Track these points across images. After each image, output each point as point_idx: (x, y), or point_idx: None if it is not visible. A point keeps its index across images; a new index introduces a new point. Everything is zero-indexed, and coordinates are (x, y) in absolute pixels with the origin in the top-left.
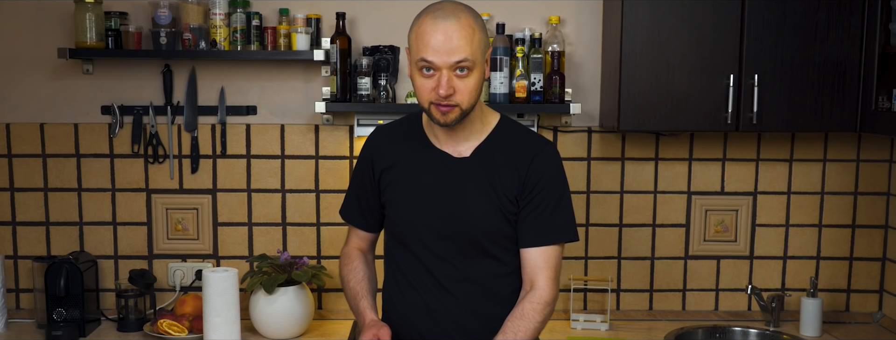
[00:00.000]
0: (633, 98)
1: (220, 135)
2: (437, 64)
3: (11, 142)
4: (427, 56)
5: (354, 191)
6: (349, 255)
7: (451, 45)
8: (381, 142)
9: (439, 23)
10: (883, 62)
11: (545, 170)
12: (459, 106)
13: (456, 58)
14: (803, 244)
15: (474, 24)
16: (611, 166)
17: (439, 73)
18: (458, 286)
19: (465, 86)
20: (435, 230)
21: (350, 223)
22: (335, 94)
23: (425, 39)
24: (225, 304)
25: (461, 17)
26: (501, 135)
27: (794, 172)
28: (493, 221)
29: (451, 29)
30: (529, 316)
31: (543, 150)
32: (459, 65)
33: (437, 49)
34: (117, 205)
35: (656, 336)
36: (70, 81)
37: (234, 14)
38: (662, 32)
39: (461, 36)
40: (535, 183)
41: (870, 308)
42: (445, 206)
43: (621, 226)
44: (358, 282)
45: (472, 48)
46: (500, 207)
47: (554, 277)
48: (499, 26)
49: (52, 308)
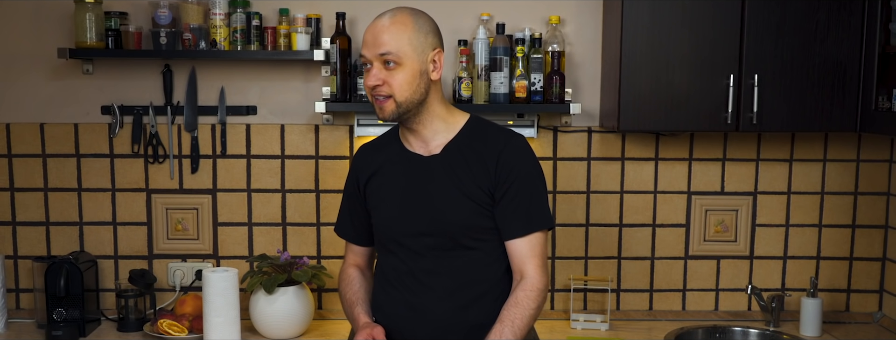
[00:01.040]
0: (632, 98)
1: (220, 135)
2: (367, 57)
3: (11, 142)
4: (362, 51)
5: (346, 207)
6: (346, 273)
7: (377, 39)
8: (364, 156)
9: (375, 21)
10: (883, 62)
11: (514, 162)
12: (393, 97)
13: (379, 51)
14: (803, 244)
15: (410, 23)
16: (611, 166)
17: (371, 66)
18: (437, 280)
19: (392, 78)
20: (411, 228)
21: (345, 238)
22: (335, 94)
23: (364, 36)
24: (225, 304)
25: (396, 16)
26: (470, 132)
27: (794, 172)
28: (465, 214)
29: (380, 25)
30: (524, 304)
31: (510, 143)
32: (384, 58)
33: (366, 42)
34: (117, 205)
35: (656, 336)
36: (70, 81)
37: (234, 14)
38: (662, 32)
39: (388, 31)
40: (506, 176)
41: (870, 308)
42: (418, 204)
43: (621, 226)
44: (354, 293)
45: (398, 43)
46: (471, 200)
47: (542, 264)
48: (499, 26)
49: (52, 308)
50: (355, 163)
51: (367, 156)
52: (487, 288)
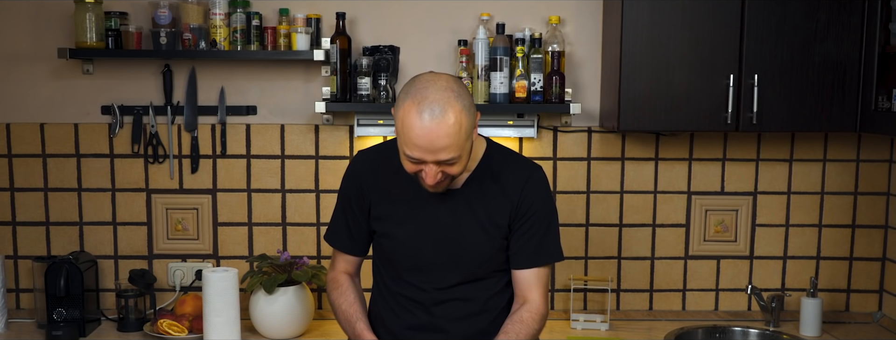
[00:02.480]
0: (632, 98)
1: (220, 135)
2: (420, 158)
3: (11, 142)
4: (412, 153)
5: (343, 216)
6: (337, 280)
7: (436, 145)
8: (370, 170)
9: (425, 121)
10: (883, 62)
11: (535, 195)
12: (449, 179)
13: (442, 158)
14: (803, 244)
15: (461, 119)
16: (611, 166)
17: (425, 165)
18: (451, 306)
19: (451, 169)
20: (431, 260)
21: (338, 248)
22: (335, 94)
23: (409, 134)
24: (225, 304)
25: (447, 114)
26: (490, 163)
27: (794, 172)
28: (487, 250)
29: (436, 130)
30: (528, 323)
31: (533, 176)
32: (444, 162)
33: (422, 148)
34: (117, 205)
35: (656, 336)
36: (70, 81)
37: (234, 14)
38: (662, 32)
39: (447, 135)
40: (527, 209)
41: (870, 308)
42: (440, 238)
43: (621, 226)
44: (350, 305)
45: (458, 144)
46: (492, 235)
47: (545, 293)
48: (499, 26)
49: (52, 308)
50: (358, 178)
51: (373, 173)
52: (497, 316)
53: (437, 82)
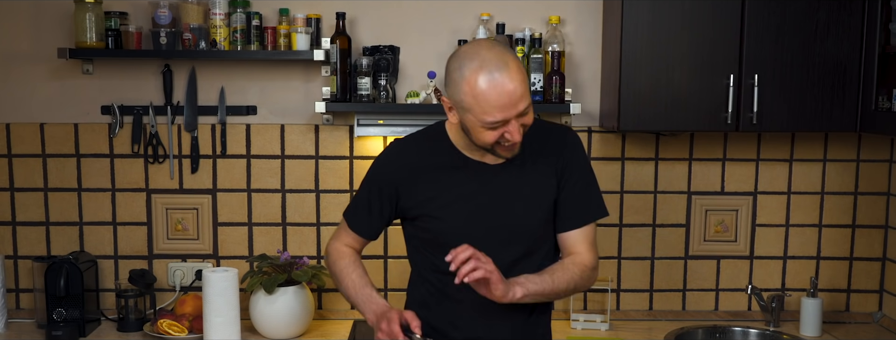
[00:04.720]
0: (632, 98)
1: (220, 135)
2: (502, 118)
3: (11, 142)
4: (496, 117)
5: (367, 200)
6: (341, 251)
7: (515, 95)
8: (407, 159)
9: (497, 77)
10: (883, 62)
11: (574, 157)
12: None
13: (521, 107)
14: (803, 244)
15: (520, 64)
16: (611, 166)
17: (507, 125)
18: None
19: (528, 119)
20: (487, 239)
21: (353, 228)
22: (335, 94)
23: (488, 98)
24: (225, 304)
25: (510, 64)
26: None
27: (794, 172)
28: (540, 221)
29: (509, 82)
30: (570, 268)
31: (567, 138)
32: (522, 113)
33: (504, 107)
34: (117, 205)
35: (656, 336)
36: (70, 81)
37: (234, 14)
38: (662, 32)
39: (521, 82)
40: (571, 172)
41: (870, 308)
42: (493, 214)
43: (621, 226)
44: (360, 276)
45: (527, 88)
46: (542, 206)
47: (594, 247)
48: (499, 26)
49: (52, 308)
50: (392, 167)
51: (410, 162)
52: None
53: (479, 44)
